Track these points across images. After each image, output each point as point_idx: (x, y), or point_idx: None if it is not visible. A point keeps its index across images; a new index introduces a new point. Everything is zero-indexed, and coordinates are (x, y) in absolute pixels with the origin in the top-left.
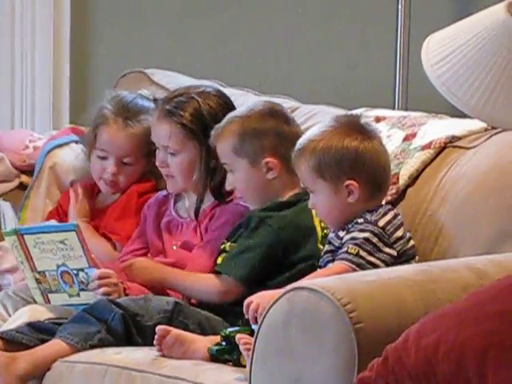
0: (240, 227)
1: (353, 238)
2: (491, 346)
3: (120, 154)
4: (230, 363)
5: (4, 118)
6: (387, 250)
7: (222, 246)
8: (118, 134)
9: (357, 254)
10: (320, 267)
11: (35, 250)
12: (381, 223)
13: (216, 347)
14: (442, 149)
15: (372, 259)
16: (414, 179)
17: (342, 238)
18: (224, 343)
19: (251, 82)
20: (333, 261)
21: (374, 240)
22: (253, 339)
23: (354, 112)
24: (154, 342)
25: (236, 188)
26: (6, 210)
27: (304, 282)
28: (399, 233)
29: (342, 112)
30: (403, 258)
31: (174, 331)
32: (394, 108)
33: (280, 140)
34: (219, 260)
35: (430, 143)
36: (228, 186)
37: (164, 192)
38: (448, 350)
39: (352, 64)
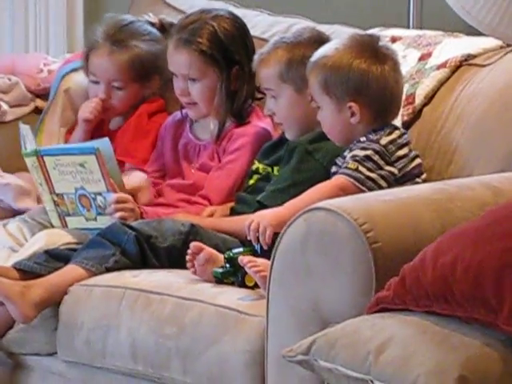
0: (273, 149)
1: (354, 156)
2: (508, 265)
3: (108, 78)
4: (236, 285)
5: (18, 41)
6: (388, 167)
7: (254, 167)
8: (104, 59)
9: (356, 169)
10: None
11: (54, 171)
12: (383, 141)
13: (220, 270)
14: (457, 67)
15: (371, 175)
16: (429, 98)
17: (344, 157)
18: (228, 265)
19: (265, 2)
20: None
21: (375, 157)
22: (259, 259)
23: (373, 33)
24: (187, 258)
25: (276, 114)
26: (26, 132)
27: (321, 202)
28: (402, 151)
29: (357, 31)
30: (407, 176)
31: (208, 249)
32: (408, 26)
33: None
34: (251, 182)
35: (446, 62)
36: (267, 112)
37: (179, 114)
38: (465, 269)
39: None
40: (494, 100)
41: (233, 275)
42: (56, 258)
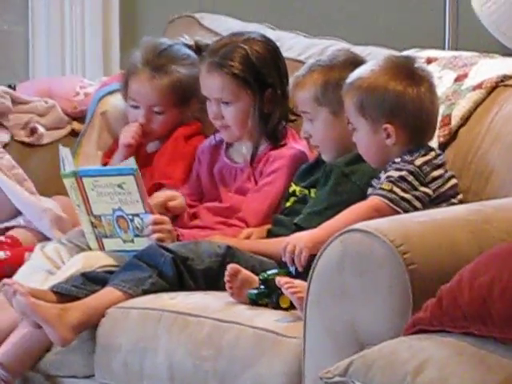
0: (310, 171)
1: (388, 177)
2: None
3: (148, 103)
4: (270, 306)
5: (55, 64)
6: (422, 188)
7: (291, 189)
8: (144, 85)
9: (390, 190)
10: None
11: (92, 192)
12: (417, 162)
13: (255, 291)
14: (493, 88)
15: (406, 196)
16: (465, 119)
17: (379, 178)
18: (263, 287)
19: (300, 24)
20: None
21: (410, 178)
22: (296, 281)
23: (409, 54)
24: (225, 280)
25: (312, 136)
26: (65, 154)
27: (357, 224)
28: (437, 172)
29: (393, 53)
30: (442, 197)
31: (245, 272)
32: (444, 48)
33: None
34: (288, 204)
35: (482, 83)
36: (303, 134)
37: (216, 138)
38: (502, 290)
39: (402, 4)
40: None
41: (267, 297)
42: (93, 280)
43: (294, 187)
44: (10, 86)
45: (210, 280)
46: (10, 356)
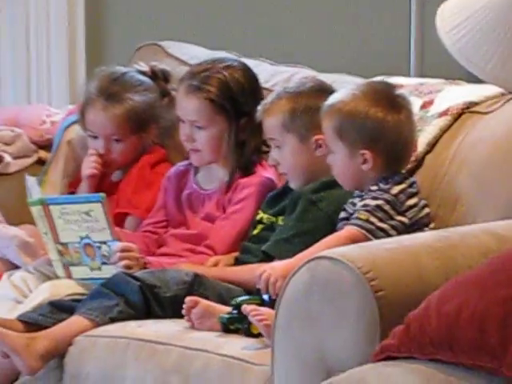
0: (277, 198)
1: (365, 205)
2: None
3: (105, 133)
4: (241, 332)
5: (21, 93)
6: (399, 217)
7: (259, 217)
8: (99, 115)
9: (367, 220)
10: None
11: (60, 220)
12: (393, 191)
13: (227, 316)
14: (459, 115)
15: (383, 225)
16: (432, 146)
17: (355, 204)
18: (235, 311)
19: (266, 51)
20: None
21: (386, 207)
22: (262, 308)
23: (388, 81)
24: (183, 312)
25: (280, 164)
26: (31, 183)
27: (325, 251)
28: (412, 201)
29: (359, 80)
30: (416, 226)
31: (203, 302)
32: (409, 75)
33: None
34: (255, 231)
35: (448, 110)
36: (271, 162)
37: (183, 164)
38: (470, 317)
39: (367, 31)
40: (496, 148)
41: (239, 322)
42: (61, 309)
43: (261, 214)
44: None
45: (178, 307)
46: None
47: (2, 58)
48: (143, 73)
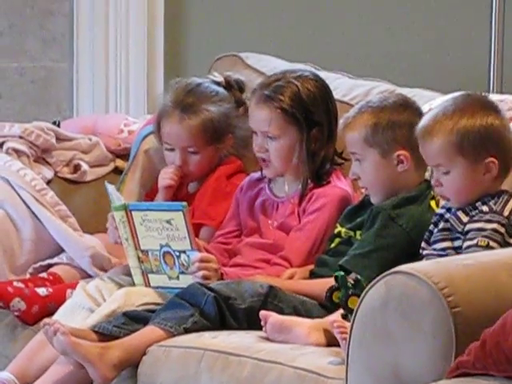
0: (356, 212)
1: (480, 229)
2: None
3: (182, 145)
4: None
5: (99, 102)
6: (510, 240)
7: (336, 231)
8: (175, 127)
9: (487, 246)
10: (428, 243)
11: (141, 227)
12: (506, 212)
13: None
14: None
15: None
16: None
17: (463, 223)
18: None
19: (346, 65)
20: (449, 240)
21: (502, 230)
22: (347, 323)
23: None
24: (262, 324)
25: (361, 178)
26: (112, 190)
27: (401, 266)
28: None
29: (438, 95)
30: None
31: (272, 318)
32: (488, 91)
33: (413, 133)
34: (333, 245)
35: None
36: (352, 176)
37: (257, 174)
38: None
39: (446, 46)
40: None
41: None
42: (135, 319)
43: (339, 228)
44: (54, 123)
45: (252, 319)
46: None
47: (82, 66)
48: (218, 83)
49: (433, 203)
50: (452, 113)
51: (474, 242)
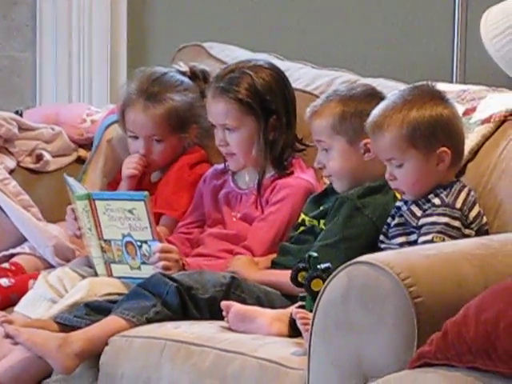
0: (319, 201)
1: (433, 223)
2: None
3: (146, 133)
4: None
5: (62, 91)
6: (467, 231)
7: (300, 219)
8: (140, 115)
9: (443, 241)
10: (387, 236)
11: (104, 216)
12: (458, 204)
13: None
14: (501, 122)
15: None
16: (474, 154)
17: (416, 217)
18: (304, 264)
19: (309, 55)
20: (404, 235)
21: (456, 224)
22: (310, 314)
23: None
24: (223, 314)
25: (326, 167)
26: (72, 182)
27: (364, 256)
28: (474, 211)
29: (401, 85)
30: (479, 235)
31: (235, 307)
32: (452, 81)
33: None
34: (296, 233)
35: (490, 117)
36: (317, 165)
37: (220, 166)
38: (509, 325)
39: (410, 36)
40: None
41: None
42: (96, 310)
43: (303, 216)
44: (16, 112)
45: (215, 309)
46: (9, 378)
47: (44, 56)
48: (183, 73)
49: (398, 194)
50: (401, 106)
51: (429, 237)
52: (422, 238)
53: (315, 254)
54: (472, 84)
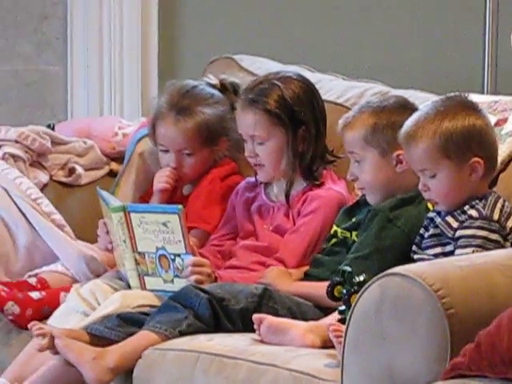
0: (351, 213)
1: (471, 236)
2: None
3: (177, 147)
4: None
5: (93, 105)
6: (506, 244)
7: (333, 231)
8: (170, 129)
9: None
10: (420, 247)
11: (139, 229)
12: (495, 216)
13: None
14: None
15: None
16: (506, 164)
17: (452, 228)
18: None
19: (340, 66)
20: (440, 245)
21: (494, 237)
22: (343, 327)
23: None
24: (255, 327)
25: (359, 179)
26: (106, 194)
27: (396, 268)
28: (511, 222)
29: (432, 96)
30: None
31: (268, 320)
32: (483, 92)
33: None
34: (329, 244)
35: None
36: (350, 177)
37: (252, 179)
38: None
39: (440, 48)
40: None
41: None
42: (128, 322)
43: (335, 228)
44: (48, 126)
45: (247, 321)
46: None
47: (76, 69)
48: (213, 86)
49: (430, 205)
50: (434, 116)
51: (469, 251)
52: (460, 251)
53: (349, 269)
54: (503, 95)
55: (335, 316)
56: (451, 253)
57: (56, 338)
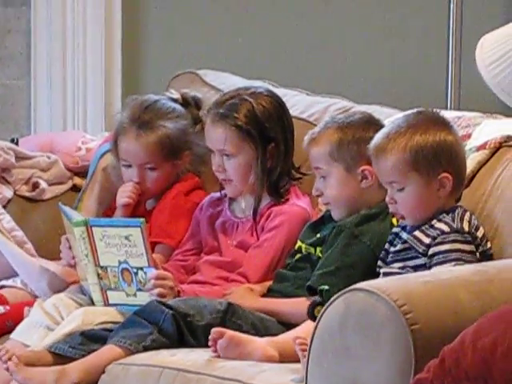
0: (315, 228)
1: (448, 251)
2: None
3: (139, 161)
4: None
5: (57, 119)
6: (478, 253)
7: (297, 246)
8: (132, 144)
9: None
10: (385, 262)
11: (101, 243)
12: (466, 227)
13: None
14: (497, 149)
15: None
16: (469, 180)
17: (424, 244)
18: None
19: (303, 82)
20: (406, 260)
21: (469, 248)
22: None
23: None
24: (209, 344)
25: (324, 194)
26: (68, 209)
27: (360, 283)
28: (479, 232)
29: (396, 112)
30: (486, 258)
31: (229, 333)
32: (446, 108)
33: None
34: (293, 259)
35: (485, 144)
36: (315, 192)
37: (217, 194)
38: (505, 351)
39: (404, 63)
40: None
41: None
42: (92, 339)
43: (299, 243)
44: (12, 141)
45: None
46: None
47: (39, 84)
48: (175, 100)
49: (394, 220)
50: (405, 130)
51: (450, 265)
52: (438, 268)
53: (326, 287)
54: (466, 111)
55: (297, 330)
56: (419, 266)
57: (13, 374)
